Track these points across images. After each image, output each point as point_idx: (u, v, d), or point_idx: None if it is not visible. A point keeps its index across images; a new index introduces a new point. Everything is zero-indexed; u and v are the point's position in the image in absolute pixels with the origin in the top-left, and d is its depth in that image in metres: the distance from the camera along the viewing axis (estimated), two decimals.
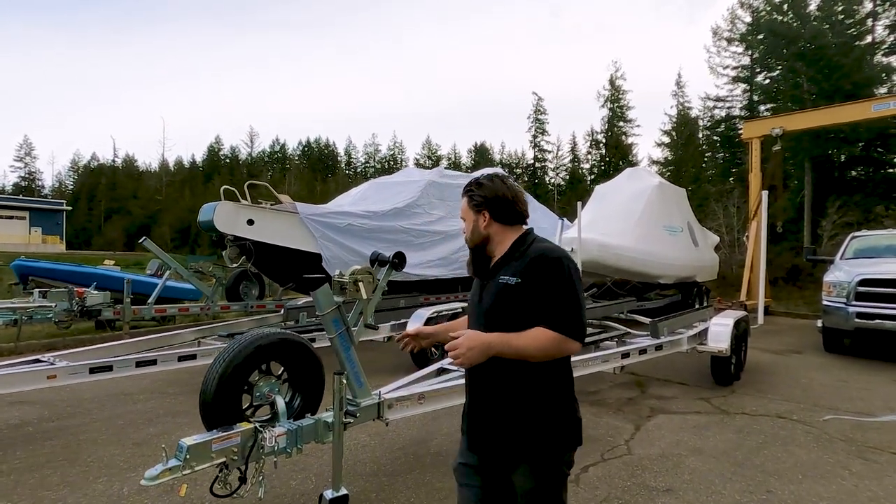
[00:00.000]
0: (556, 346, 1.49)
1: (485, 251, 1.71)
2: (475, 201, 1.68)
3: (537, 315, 1.51)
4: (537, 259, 1.55)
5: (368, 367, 6.42)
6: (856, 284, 6.88)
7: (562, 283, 1.52)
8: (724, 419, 4.43)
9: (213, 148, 71.44)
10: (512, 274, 1.57)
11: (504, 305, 1.57)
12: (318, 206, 8.38)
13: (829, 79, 24.56)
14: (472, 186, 1.71)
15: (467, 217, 1.72)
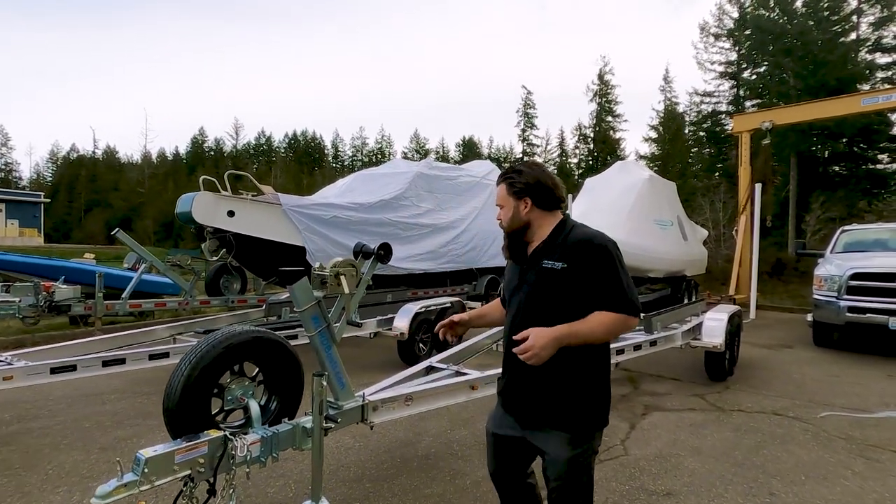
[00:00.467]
0: (620, 326, 1.61)
1: (523, 237, 1.75)
2: (516, 188, 1.73)
3: (587, 299, 1.60)
4: (583, 244, 1.63)
5: (353, 364, 6.27)
6: (847, 278, 6.83)
7: (612, 266, 1.60)
8: (721, 417, 4.31)
9: (196, 140, 70.22)
10: (556, 259, 1.63)
11: (548, 289, 1.64)
12: (301, 198, 8.11)
13: (815, 74, 24.74)
14: (512, 174, 1.76)
15: (506, 204, 1.76)
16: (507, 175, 1.79)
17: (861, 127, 24.15)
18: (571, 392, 1.64)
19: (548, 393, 1.65)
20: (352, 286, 2.57)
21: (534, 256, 1.72)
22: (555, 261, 1.64)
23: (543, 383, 1.66)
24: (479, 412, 4.21)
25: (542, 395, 1.66)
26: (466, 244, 10.28)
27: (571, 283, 1.62)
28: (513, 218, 1.74)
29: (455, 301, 6.79)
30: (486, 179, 11.30)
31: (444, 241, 9.73)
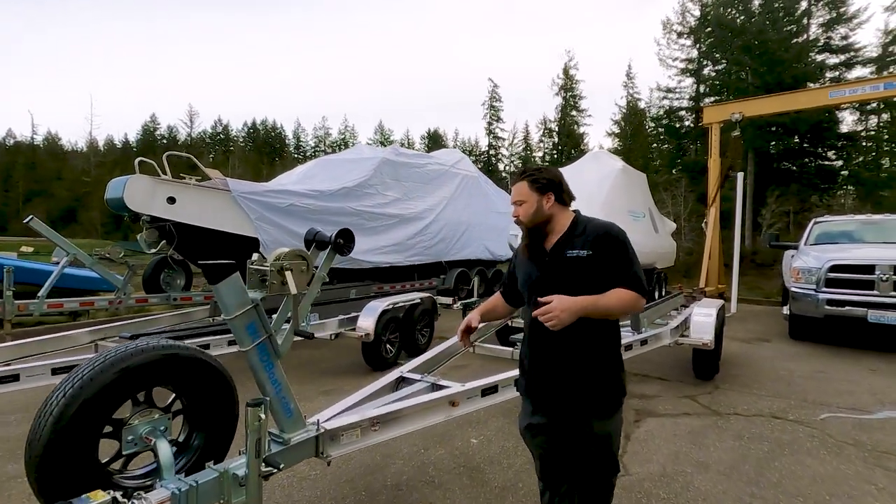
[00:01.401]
0: (634, 303, 1.75)
1: (543, 231, 1.86)
2: (540, 184, 1.84)
3: (608, 281, 1.74)
4: (604, 235, 1.78)
5: (311, 368, 5.60)
6: (826, 270, 6.68)
7: (628, 253, 1.79)
8: (719, 422, 3.95)
9: (148, 127, 66.60)
10: (581, 248, 1.77)
11: (577, 276, 1.76)
12: (253, 184, 7.35)
13: (772, 72, 25.38)
14: (534, 171, 1.87)
15: (528, 199, 1.84)
16: (528, 173, 1.87)
17: (814, 123, 24.94)
18: (599, 373, 1.78)
19: (576, 376, 1.77)
20: (301, 284, 1.98)
21: (556, 249, 1.82)
22: (579, 250, 1.77)
23: (571, 366, 1.77)
24: (458, 426, 3.69)
25: (571, 379, 1.78)
26: (435, 236, 9.72)
27: (595, 268, 1.75)
28: (536, 212, 1.83)
29: (425, 297, 6.23)
30: (455, 168, 10.76)
31: (411, 233, 9.14)
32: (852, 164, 28.86)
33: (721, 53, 29.91)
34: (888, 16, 35.61)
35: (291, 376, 4.97)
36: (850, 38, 27.82)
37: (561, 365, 1.78)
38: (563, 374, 1.78)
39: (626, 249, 1.78)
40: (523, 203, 1.84)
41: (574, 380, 1.77)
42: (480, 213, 11.08)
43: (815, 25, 28.17)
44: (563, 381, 1.78)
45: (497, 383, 2.93)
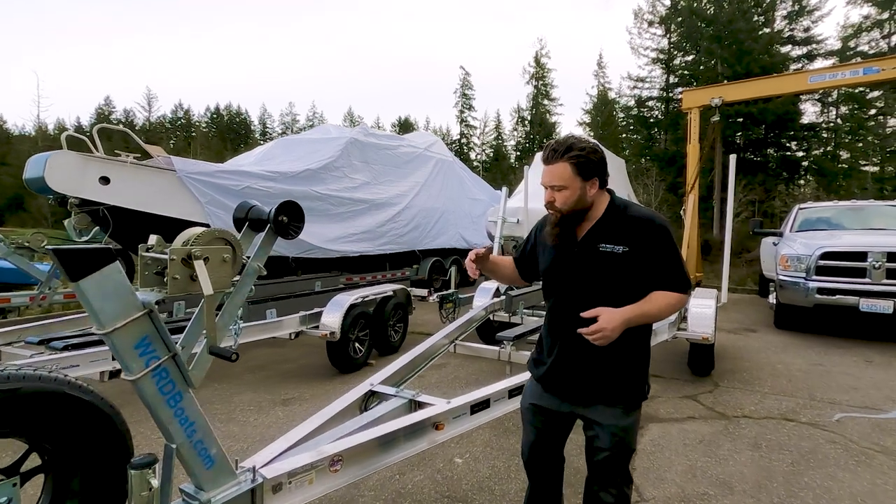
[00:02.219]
0: (680, 305, 1.64)
1: (580, 219, 1.64)
2: (587, 167, 1.58)
3: (648, 280, 1.59)
4: (645, 227, 1.58)
5: (271, 371, 4.94)
6: (817, 258, 6.42)
7: (672, 248, 1.62)
8: (729, 427, 3.54)
9: (102, 111, 63.04)
10: (617, 242, 1.57)
11: (609, 274, 1.58)
12: (203, 163, 6.55)
13: (741, 62, 25.62)
14: (579, 150, 1.57)
15: (571, 185, 1.58)
16: (572, 151, 1.58)
17: (781, 114, 25.34)
18: (626, 369, 1.66)
19: (603, 372, 1.64)
20: (223, 280, 1.38)
21: (588, 240, 1.63)
22: (615, 244, 1.58)
23: (598, 363, 1.64)
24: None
25: (597, 375, 1.65)
26: (408, 223, 9.12)
27: (633, 266, 1.58)
28: (578, 200, 1.60)
29: (398, 289, 5.65)
30: (429, 151, 10.14)
31: (382, 220, 8.51)
32: (812, 154, 29.61)
33: (691, 43, 30.09)
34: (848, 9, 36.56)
35: (245, 381, 4.32)
36: (811, 31, 28.36)
37: (588, 359, 1.64)
38: (590, 369, 1.65)
39: (670, 243, 1.61)
40: (563, 189, 1.59)
41: (601, 375, 1.64)
42: (456, 199, 10.53)
43: (780, 18, 28.62)
44: (588, 375, 1.66)
45: (489, 397, 2.40)
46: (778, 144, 28.80)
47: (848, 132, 30.23)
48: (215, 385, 4.26)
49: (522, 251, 1.93)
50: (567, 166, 1.57)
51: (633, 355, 1.66)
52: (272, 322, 4.33)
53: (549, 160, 1.61)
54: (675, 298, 1.60)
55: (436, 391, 4.19)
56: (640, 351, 1.69)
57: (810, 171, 29.47)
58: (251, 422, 3.45)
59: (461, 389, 4.28)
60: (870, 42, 27.68)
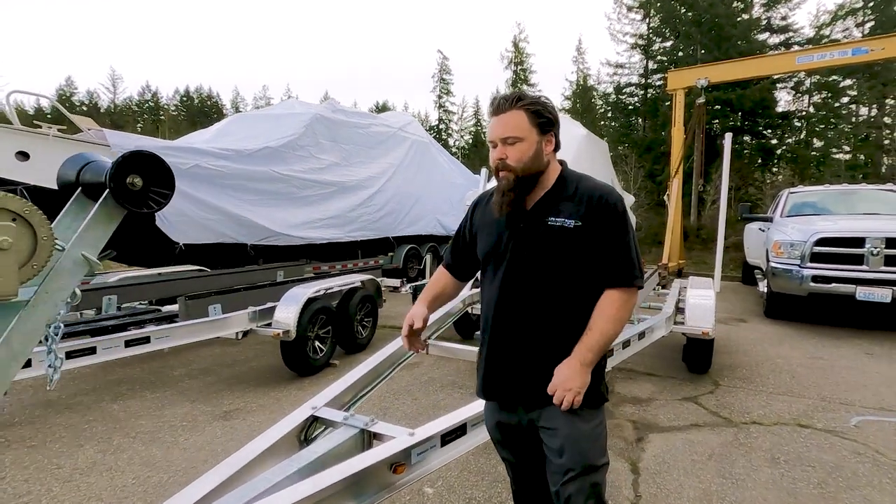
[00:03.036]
0: (631, 307, 1.39)
1: (533, 185, 1.40)
2: (544, 118, 1.37)
3: (593, 263, 1.37)
4: (599, 201, 1.37)
5: (216, 375, 4.00)
6: (813, 244, 6.07)
7: (626, 230, 1.38)
8: (739, 436, 3.11)
9: (63, 91, 59.97)
10: (568, 216, 1.36)
11: (558, 252, 1.36)
12: (143, 137, 5.82)
13: (720, 48, 25.50)
14: (534, 101, 1.37)
15: (528, 137, 1.35)
16: (527, 100, 1.36)
17: (757, 102, 25.39)
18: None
19: (547, 362, 1.37)
20: (8, 281, 0.79)
21: (536, 212, 1.39)
22: (566, 217, 1.35)
23: (541, 351, 1.39)
24: None
25: (541, 366, 1.38)
26: (381, 208, 8.50)
27: (584, 244, 1.35)
28: (535, 157, 1.36)
29: (367, 279, 5.09)
30: (404, 132, 9.50)
31: (352, 204, 7.88)
32: (785, 142, 29.95)
33: (670, 28, 29.87)
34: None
35: (183, 389, 3.69)
36: (788, 19, 28.46)
37: (528, 348, 1.39)
38: (532, 359, 1.39)
39: (624, 226, 1.38)
40: (518, 142, 1.35)
41: (546, 366, 1.37)
42: (433, 183, 9.94)
43: (758, 5, 28.58)
44: (531, 367, 1.39)
45: (464, 422, 1.87)
46: (754, 132, 28.97)
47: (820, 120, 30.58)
48: (146, 394, 3.65)
49: (457, 243, 1.65)
50: (522, 114, 1.35)
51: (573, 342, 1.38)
52: (215, 320, 3.71)
53: (501, 108, 1.36)
54: (620, 301, 1.36)
55: (405, 398, 3.66)
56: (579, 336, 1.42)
57: (784, 159, 29.77)
58: (180, 443, 2.87)
59: (435, 394, 3.77)
60: (845, 30, 27.84)
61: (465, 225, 1.61)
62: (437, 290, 1.67)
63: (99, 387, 3.81)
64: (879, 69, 23.31)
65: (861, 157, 28.14)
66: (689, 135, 11.25)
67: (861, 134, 27.55)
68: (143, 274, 5.04)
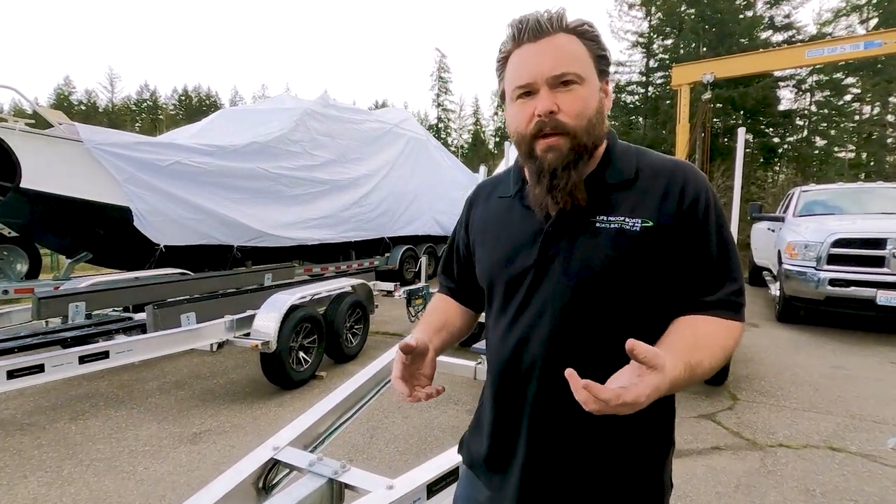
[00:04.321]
0: (736, 344, 0.81)
1: (586, 158, 0.82)
2: (604, 54, 0.84)
3: (678, 285, 0.82)
4: (683, 188, 0.81)
5: (189, 389, 3.16)
6: (829, 245, 5.75)
7: (724, 231, 0.82)
8: (766, 461, 2.79)
9: (61, 91, 59.65)
10: (630, 212, 0.80)
11: (618, 272, 0.79)
12: (120, 133, 5.47)
13: (722, 45, 25.21)
14: (590, 25, 0.83)
15: (590, 77, 0.81)
16: (577, 22, 0.81)
17: (760, 99, 25.10)
18: (629, 469, 0.84)
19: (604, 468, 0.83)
20: None
21: (576, 206, 0.82)
22: (627, 214, 0.80)
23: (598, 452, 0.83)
24: None
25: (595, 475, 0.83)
26: (375, 207, 8.18)
27: (659, 259, 0.79)
28: (599, 114, 0.83)
29: (357, 284, 4.76)
30: (400, 128, 9.18)
31: (346, 203, 7.55)
32: (787, 141, 29.70)
33: (672, 25, 29.57)
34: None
35: (151, 406, 3.32)
36: (791, 17, 28.19)
37: (580, 447, 0.83)
38: (584, 466, 0.84)
39: (722, 224, 0.83)
40: (576, 84, 0.79)
41: (602, 474, 0.83)
42: (430, 181, 9.62)
43: (761, 3, 28.27)
44: (582, 478, 0.84)
45: (456, 466, 1.55)
46: (756, 130, 28.68)
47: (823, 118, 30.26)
48: (110, 412, 3.32)
49: (451, 259, 1.13)
50: (577, 41, 0.81)
51: (644, 443, 0.86)
52: (186, 331, 3.38)
53: (541, 30, 0.80)
54: (732, 336, 0.80)
55: (396, 417, 3.33)
56: (656, 436, 0.89)
57: (787, 157, 29.48)
58: (138, 473, 2.54)
59: (429, 412, 3.44)
60: (848, 27, 27.51)
61: (458, 231, 1.10)
62: (438, 319, 1.08)
63: (59, 403, 3.48)
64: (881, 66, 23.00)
65: (864, 156, 27.85)
66: (694, 132, 10.94)
67: (864, 132, 27.24)
68: (119, 278, 4.72)
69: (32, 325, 3.97)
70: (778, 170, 31.02)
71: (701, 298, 0.81)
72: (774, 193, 22.92)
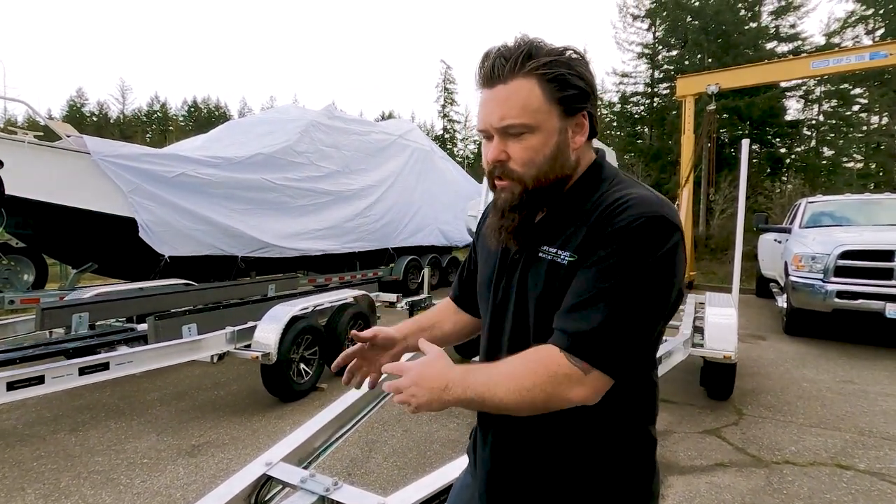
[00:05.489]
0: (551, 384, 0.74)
1: (549, 197, 0.85)
2: (573, 89, 0.80)
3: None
4: (607, 218, 0.77)
5: (189, 401, 3.33)
6: (836, 257, 5.69)
7: (624, 267, 0.74)
8: (771, 479, 2.74)
9: (74, 103, 60.62)
10: (564, 244, 0.82)
11: (551, 300, 0.81)
12: (127, 145, 5.54)
13: (728, 55, 25.25)
14: (554, 61, 0.79)
15: (543, 123, 0.80)
16: (535, 60, 0.78)
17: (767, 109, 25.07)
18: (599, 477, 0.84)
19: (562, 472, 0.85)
20: None
21: (533, 234, 0.86)
22: (560, 248, 0.81)
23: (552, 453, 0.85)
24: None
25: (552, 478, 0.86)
26: (380, 218, 8.20)
27: None
28: (555, 157, 0.81)
29: (359, 295, 4.76)
30: (405, 139, 9.23)
31: (350, 214, 7.59)
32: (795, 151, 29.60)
33: (677, 36, 29.69)
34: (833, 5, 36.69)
35: (152, 417, 3.32)
36: (797, 27, 28.21)
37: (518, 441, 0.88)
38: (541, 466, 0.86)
39: (628, 264, 0.74)
40: (526, 133, 0.80)
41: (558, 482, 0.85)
42: (435, 191, 9.64)
43: (766, 14, 28.34)
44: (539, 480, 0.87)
45: (452, 483, 1.52)
46: (763, 141, 28.59)
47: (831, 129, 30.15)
48: (110, 423, 3.32)
49: (462, 270, 1.18)
50: (534, 84, 0.78)
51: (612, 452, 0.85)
52: (187, 342, 3.39)
53: (497, 75, 0.80)
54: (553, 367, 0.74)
55: (395, 429, 3.31)
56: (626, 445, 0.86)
57: (794, 168, 29.33)
58: (135, 486, 2.53)
59: (429, 425, 3.41)
60: (854, 38, 27.48)
61: (472, 248, 1.17)
62: (429, 318, 1.16)
63: (61, 414, 3.49)
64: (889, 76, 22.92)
65: (873, 166, 27.65)
66: (700, 143, 10.92)
67: (873, 142, 27.08)
68: (123, 289, 4.74)
69: (36, 335, 3.99)
70: (786, 180, 30.87)
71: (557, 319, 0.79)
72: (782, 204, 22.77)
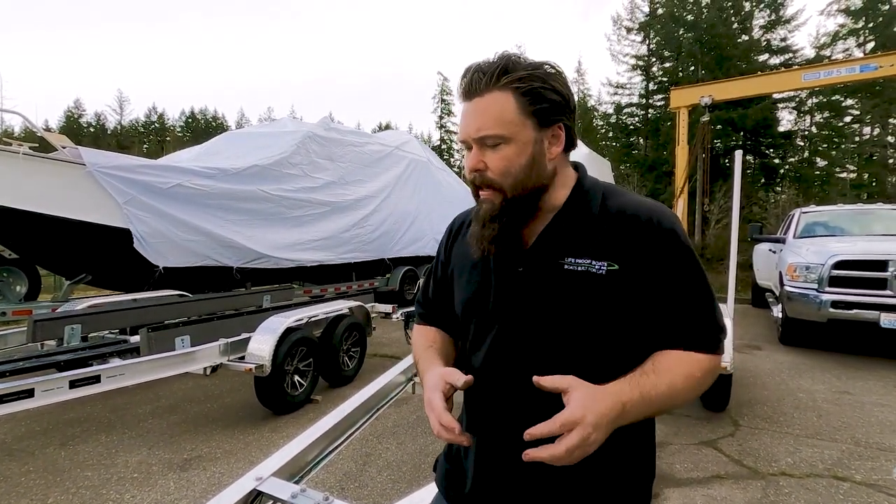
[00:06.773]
0: (710, 377, 0.84)
1: (530, 209, 0.87)
2: (548, 101, 0.84)
3: (648, 327, 0.83)
4: (647, 227, 0.82)
5: (182, 413, 3.31)
6: (831, 267, 5.71)
7: (695, 270, 0.84)
8: (768, 491, 2.72)
9: (71, 114, 60.73)
10: (595, 254, 0.82)
11: (587, 314, 0.82)
12: (122, 156, 5.54)
13: (721, 67, 25.57)
14: (529, 75, 0.82)
15: (517, 134, 0.83)
16: (515, 74, 0.82)
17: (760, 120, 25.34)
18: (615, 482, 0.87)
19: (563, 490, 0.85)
20: None
21: (542, 247, 0.86)
22: (591, 257, 0.82)
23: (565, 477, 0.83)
24: None
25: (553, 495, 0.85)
26: (376, 229, 8.21)
27: (624, 296, 0.81)
28: (530, 166, 0.84)
29: (354, 306, 4.74)
30: (401, 150, 9.27)
31: (346, 225, 7.59)
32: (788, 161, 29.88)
33: (671, 48, 30.05)
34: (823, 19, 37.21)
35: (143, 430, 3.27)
36: (788, 40, 28.62)
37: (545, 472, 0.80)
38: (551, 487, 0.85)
39: (688, 258, 0.83)
40: (502, 143, 0.83)
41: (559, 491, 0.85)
42: (431, 202, 9.67)
43: (757, 27, 28.76)
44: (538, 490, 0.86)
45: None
46: (756, 151, 28.86)
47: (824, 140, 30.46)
48: (101, 437, 3.28)
49: (428, 284, 1.14)
50: (509, 97, 0.82)
51: (627, 458, 0.88)
52: (180, 354, 3.36)
53: (473, 91, 0.83)
54: (699, 367, 0.81)
55: (390, 442, 3.28)
56: (640, 451, 0.91)
57: (788, 178, 29.56)
58: (125, 500, 2.50)
59: (423, 437, 3.38)
60: (845, 51, 27.88)
61: (435, 265, 1.11)
62: (441, 348, 1.05)
63: (51, 427, 3.45)
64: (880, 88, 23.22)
65: (866, 177, 27.90)
66: (694, 153, 11.02)
67: (865, 153, 27.37)
68: (116, 300, 4.72)
69: (28, 347, 3.95)
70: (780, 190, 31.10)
71: (672, 335, 0.83)
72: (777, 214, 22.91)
